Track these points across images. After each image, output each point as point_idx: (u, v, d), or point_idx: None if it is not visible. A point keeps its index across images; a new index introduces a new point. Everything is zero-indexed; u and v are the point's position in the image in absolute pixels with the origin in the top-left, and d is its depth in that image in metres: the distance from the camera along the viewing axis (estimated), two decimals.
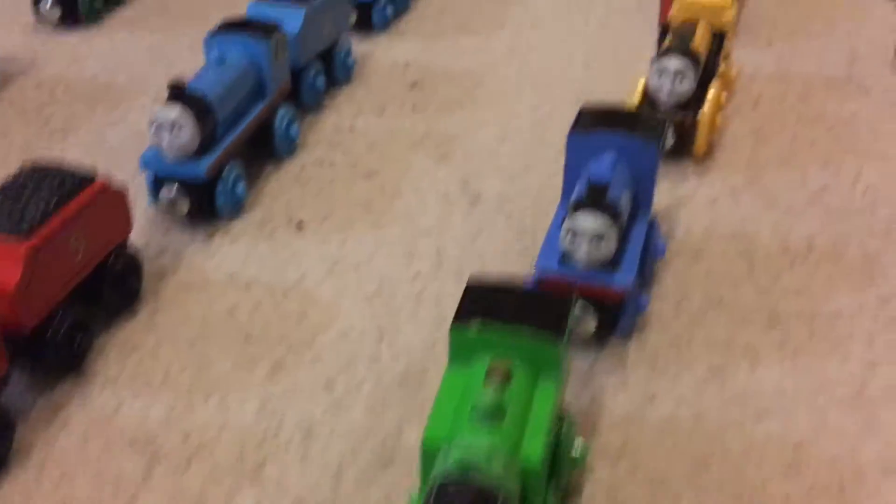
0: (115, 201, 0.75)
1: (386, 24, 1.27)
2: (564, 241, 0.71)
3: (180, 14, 1.34)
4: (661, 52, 0.95)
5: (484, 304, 0.59)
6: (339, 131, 1.06)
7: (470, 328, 0.58)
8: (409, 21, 1.31)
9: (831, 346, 0.76)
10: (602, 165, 0.74)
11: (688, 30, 0.99)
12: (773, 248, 0.86)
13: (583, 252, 0.70)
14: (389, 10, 1.28)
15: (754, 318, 0.78)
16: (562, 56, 1.21)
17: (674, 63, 0.92)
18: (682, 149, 0.97)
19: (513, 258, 0.85)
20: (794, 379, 0.73)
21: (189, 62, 1.11)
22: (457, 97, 1.12)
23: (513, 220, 0.90)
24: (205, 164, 0.83)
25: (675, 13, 1.06)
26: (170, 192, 0.83)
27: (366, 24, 1.25)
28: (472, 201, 0.92)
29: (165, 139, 0.81)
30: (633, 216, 0.77)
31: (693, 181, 0.96)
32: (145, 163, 0.84)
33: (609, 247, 0.70)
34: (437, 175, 0.97)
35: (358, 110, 1.09)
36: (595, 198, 0.68)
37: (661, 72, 0.93)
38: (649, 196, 0.76)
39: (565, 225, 0.70)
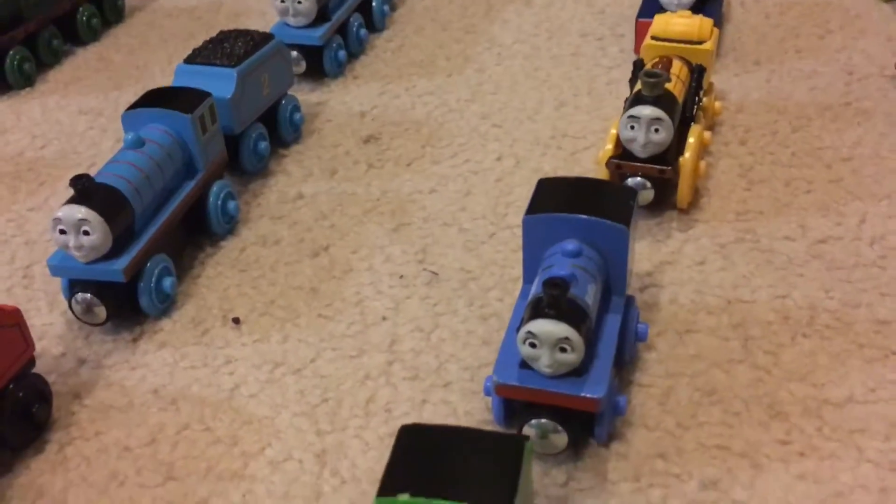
0: (6, 322, 0.66)
1: (339, 70, 1.17)
2: (522, 348, 0.61)
3: (121, 70, 1.24)
4: (633, 99, 0.84)
5: (419, 465, 0.49)
6: (284, 200, 0.95)
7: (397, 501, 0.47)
8: (364, 63, 1.21)
9: (843, 443, 0.65)
10: (563, 258, 0.64)
11: (663, 68, 0.89)
12: (771, 317, 0.76)
13: (544, 363, 0.60)
14: (342, 55, 1.17)
15: (752, 410, 0.68)
16: (530, 95, 1.10)
17: (647, 112, 0.81)
18: (664, 201, 0.88)
19: (474, 350, 0.75)
20: (803, 490, 0.62)
21: None
22: (415, 150, 1.01)
23: (475, 301, 0.79)
24: (122, 264, 0.74)
25: (648, 47, 0.95)
26: (84, 297, 0.74)
27: (317, 70, 1.16)
28: (431, 280, 0.83)
29: (72, 241, 0.71)
30: (605, 303, 0.68)
31: (677, 238, 0.86)
32: (54, 268, 0.75)
33: (575, 354, 0.59)
34: (391, 249, 0.86)
35: (307, 173, 0.99)
36: (554, 300, 0.58)
37: (634, 122, 0.83)
38: (622, 279, 0.66)
39: (522, 331, 0.60)
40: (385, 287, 0.82)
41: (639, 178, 0.84)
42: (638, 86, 0.85)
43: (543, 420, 0.61)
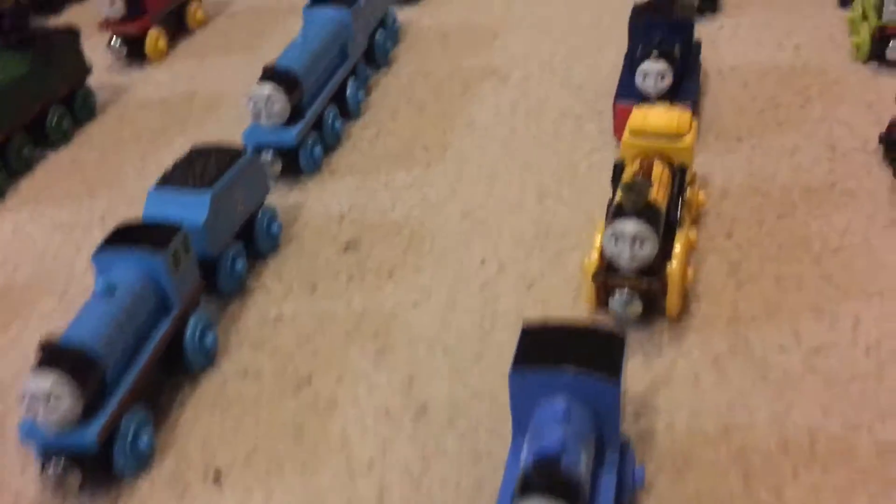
0: None
1: (316, 167, 1.14)
2: None
3: (94, 173, 1.20)
4: (615, 211, 0.82)
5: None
6: (265, 323, 0.92)
7: None
8: (341, 155, 1.18)
9: None
10: (552, 423, 0.61)
11: (643, 173, 0.88)
12: (772, 445, 0.73)
13: None
14: (318, 151, 1.15)
15: None
16: (511, 185, 1.08)
17: (630, 227, 0.79)
18: (654, 310, 0.85)
19: (469, 498, 0.71)
20: None
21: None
22: (396, 256, 0.98)
23: (465, 439, 0.77)
24: (94, 431, 0.70)
25: (627, 146, 0.93)
26: (57, 466, 0.70)
27: (293, 169, 1.12)
28: (417, 414, 0.80)
29: (40, 412, 0.68)
30: (599, 458, 0.65)
31: (669, 352, 0.84)
32: (24, 434, 0.71)
33: None
34: (376, 378, 0.83)
35: (287, 289, 0.96)
36: (545, 478, 0.56)
37: (617, 237, 0.81)
38: (615, 433, 0.64)
39: None
40: (371, 422, 0.79)
41: (626, 293, 0.84)
42: (619, 196, 0.84)
43: None
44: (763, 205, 1.01)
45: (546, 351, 0.64)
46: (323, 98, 1.18)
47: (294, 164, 1.13)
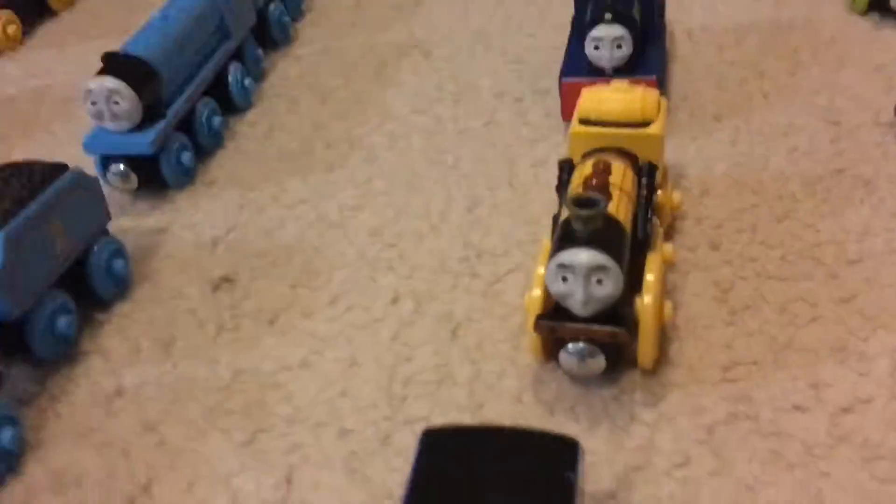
0: None
1: (187, 177, 0.89)
2: None
3: None
4: (562, 235, 0.58)
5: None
6: (97, 402, 0.67)
7: None
8: (222, 160, 0.92)
9: None
10: None
11: (598, 180, 0.65)
12: None
13: None
14: (187, 158, 0.90)
15: None
16: (433, 193, 0.83)
17: (584, 259, 0.56)
18: (620, 362, 0.62)
19: None
20: None
21: None
22: (282, 295, 0.74)
23: None
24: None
25: (577, 138, 0.70)
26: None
27: (156, 182, 0.88)
28: None
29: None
30: None
31: (645, 421, 0.60)
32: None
33: None
34: (241, 481, 0.59)
35: (132, 351, 0.71)
36: None
37: (567, 272, 0.57)
38: None
39: None
40: None
41: (582, 345, 0.61)
42: (568, 210, 0.62)
43: None
44: (756, 204, 0.78)
45: (455, 479, 0.41)
46: (193, 90, 0.92)
47: (156, 176, 0.89)
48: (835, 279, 0.69)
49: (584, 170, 0.65)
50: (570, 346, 0.60)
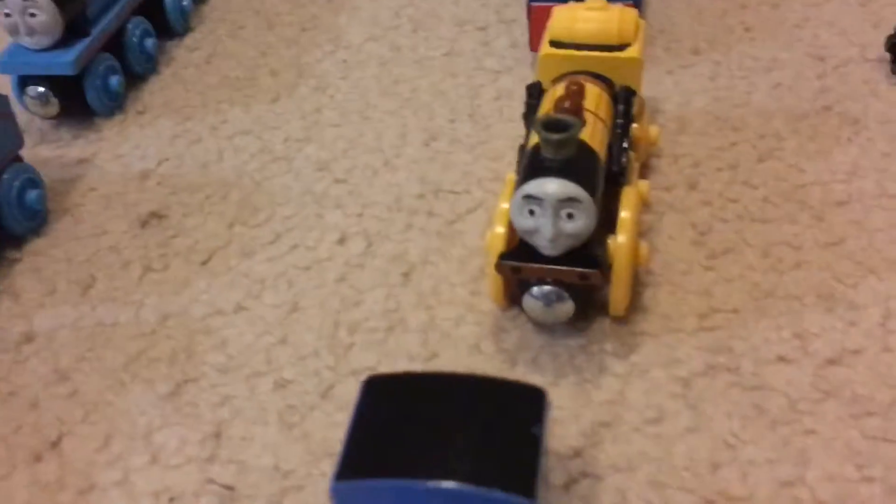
0: None
1: (115, 104, 0.80)
2: None
3: None
4: (529, 162, 0.52)
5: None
6: (2, 350, 0.58)
7: None
8: (154, 88, 0.84)
9: None
10: None
11: (571, 102, 0.58)
12: None
13: None
14: (116, 82, 0.80)
15: None
16: (388, 125, 0.76)
17: (553, 189, 0.50)
18: (590, 308, 0.57)
19: None
20: None
21: None
22: (218, 233, 0.67)
23: None
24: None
25: (547, 61, 0.63)
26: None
27: (81, 109, 0.79)
28: (221, 502, 0.53)
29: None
30: None
31: (615, 372, 0.54)
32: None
33: None
34: (163, 436, 0.52)
35: (46, 292, 0.63)
36: None
37: (534, 204, 0.51)
38: None
39: None
40: None
41: (549, 288, 0.56)
42: (535, 137, 0.56)
43: None
44: (736, 142, 0.72)
45: (402, 437, 0.35)
46: (122, 7, 0.82)
47: (80, 102, 0.80)
48: (821, 222, 0.64)
49: (556, 92, 0.58)
50: (535, 288, 0.54)
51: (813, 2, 0.88)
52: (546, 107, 0.59)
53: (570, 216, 0.51)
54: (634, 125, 0.64)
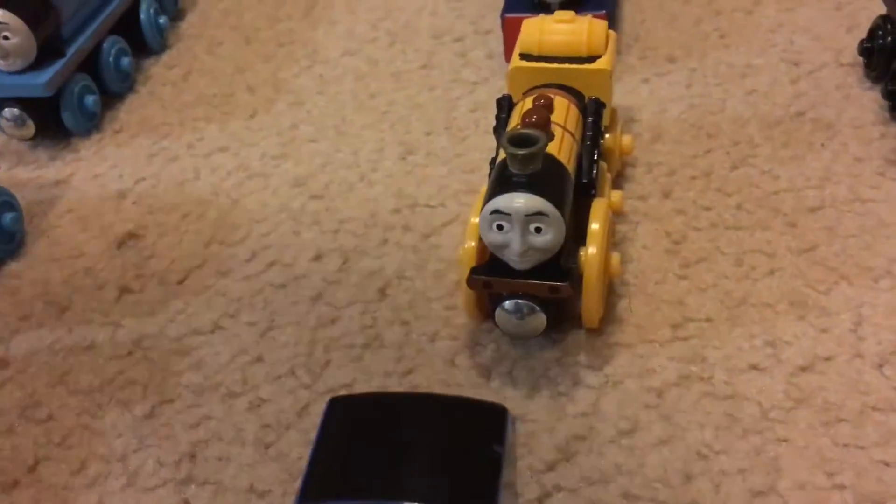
0: None
1: (91, 123, 0.80)
2: None
3: None
4: (498, 176, 0.52)
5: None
6: None
7: None
8: (132, 107, 0.83)
9: None
10: None
11: (538, 116, 0.59)
12: None
13: None
14: (91, 102, 0.80)
15: None
16: (364, 140, 0.76)
17: (521, 204, 0.49)
18: (564, 320, 0.57)
19: None
20: None
21: None
22: (195, 252, 0.66)
23: None
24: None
25: (516, 74, 0.63)
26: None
27: (57, 126, 0.79)
28: None
29: None
30: None
31: (589, 384, 0.54)
32: None
33: None
34: (139, 459, 0.52)
35: (23, 314, 0.63)
36: None
37: (502, 219, 0.52)
38: None
39: None
40: None
41: (520, 301, 0.56)
42: (505, 154, 0.55)
43: None
44: (711, 149, 0.72)
45: (363, 462, 0.36)
46: (98, 25, 0.82)
47: (57, 122, 0.80)
48: (794, 228, 0.64)
49: (525, 105, 0.58)
50: (506, 302, 0.54)
51: (787, 6, 0.89)
52: (515, 120, 0.59)
53: (538, 230, 0.51)
54: (607, 136, 0.65)
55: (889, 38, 0.73)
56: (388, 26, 0.94)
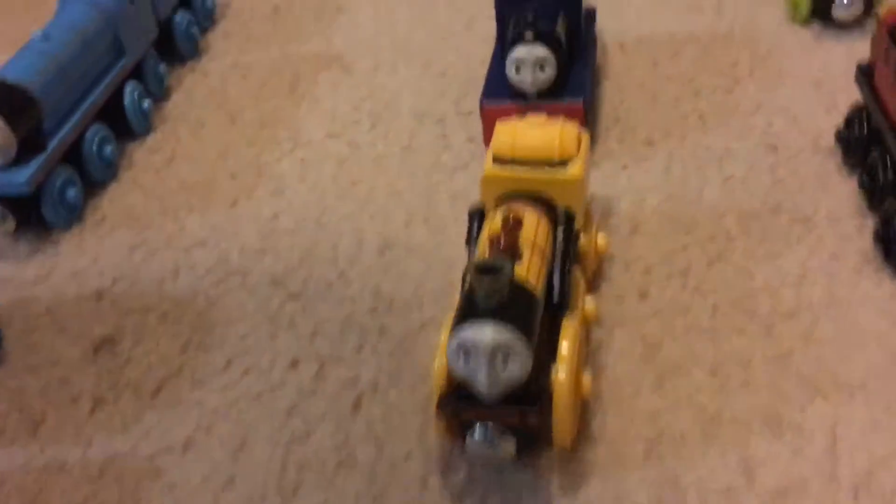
0: None
1: (72, 215, 0.80)
2: None
3: None
4: (465, 306, 0.51)
5: None
6: None
7: None
8: (114, 196, 0.83)
9: None
10: None
11: (508, 230, 0.58)
12: None
13: None
14: (73, 194, 0.81)
15: None
16: (343, 231, 0.76)
17: (487, 337, 0.49)
18: (535, 443, 0.56)
19: None
20: None
21: None
22: (171, 358, 0.66)
23: None
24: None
25: (489, 182, 0.62)
26: None
27: (38, 219, 0.78)
28: None
29: None
30: None
31: None
32: None
33: None
34: None
35: None
36: None
37: (468, 350, 0.51)
38: None
39: None
40: None
41: (489, 428, 0.53)
42: (473, 281, 0.53)
43: None
44: (687, 244, 0.71)
45: None
46: (81, 116, 0.83)
47: (39, 214, 0.80)
48: (769, 336, 0.63)
49: (493, 225, 0.58)
50: (476, 430, 0.53)
51: (768, 86, 0.89)
52: (486, 236, 0.59)
53: (505, 361, 0.51)
54: (581, 237, 0.65)
55: (864, 130, 0.73)
56: (370, 105, 0.93)
